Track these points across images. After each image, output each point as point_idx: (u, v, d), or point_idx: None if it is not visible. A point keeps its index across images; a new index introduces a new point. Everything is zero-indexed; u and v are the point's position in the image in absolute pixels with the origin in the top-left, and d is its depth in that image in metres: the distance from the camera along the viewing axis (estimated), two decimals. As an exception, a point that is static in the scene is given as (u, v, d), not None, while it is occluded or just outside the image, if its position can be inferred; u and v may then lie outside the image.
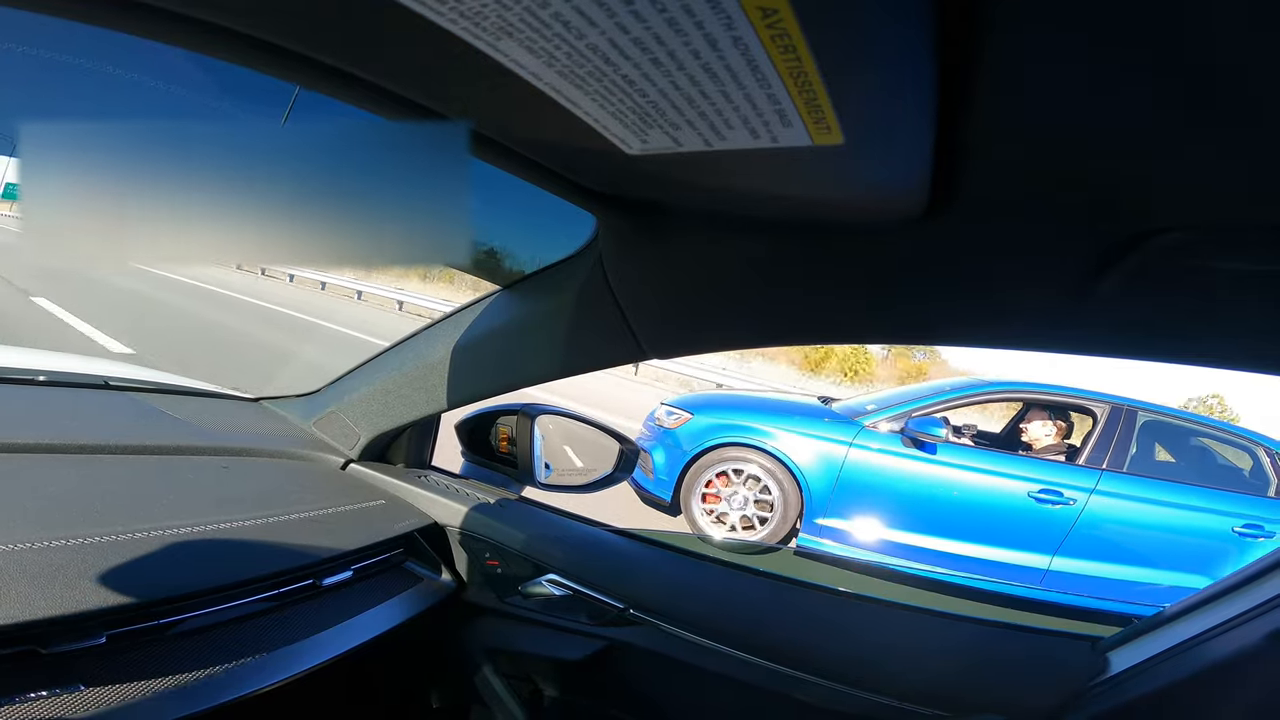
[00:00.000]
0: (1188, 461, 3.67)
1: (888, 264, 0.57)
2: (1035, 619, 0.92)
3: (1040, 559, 3.38)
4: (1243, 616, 0.67)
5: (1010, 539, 3.40)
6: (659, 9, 0.28)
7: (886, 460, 3.47)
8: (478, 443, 1.13)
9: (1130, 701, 0.71)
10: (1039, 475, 3.40)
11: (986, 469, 3.44)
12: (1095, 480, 3.35)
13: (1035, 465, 3.46)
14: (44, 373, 1.00)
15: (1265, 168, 0.35)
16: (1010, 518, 3.38)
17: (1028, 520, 3.37)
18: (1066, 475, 3.39)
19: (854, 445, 3.48)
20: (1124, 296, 0.51)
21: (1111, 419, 3.48)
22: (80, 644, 0.55)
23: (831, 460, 3.49)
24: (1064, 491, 3.35)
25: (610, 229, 0.67)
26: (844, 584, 0.96)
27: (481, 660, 1.02)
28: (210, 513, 0.76)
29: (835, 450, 3.50)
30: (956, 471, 3.44)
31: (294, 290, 13.33)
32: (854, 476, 3.48)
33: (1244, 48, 0.27)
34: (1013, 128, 0.37)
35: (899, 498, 3.46)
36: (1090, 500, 3.33)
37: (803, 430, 3.55)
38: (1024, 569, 3.39)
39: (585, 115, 0.39)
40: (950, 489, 3.43)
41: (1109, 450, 3.42)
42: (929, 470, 3.44)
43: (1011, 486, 3.40)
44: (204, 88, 0.51)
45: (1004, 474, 3.43)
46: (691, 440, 3.66)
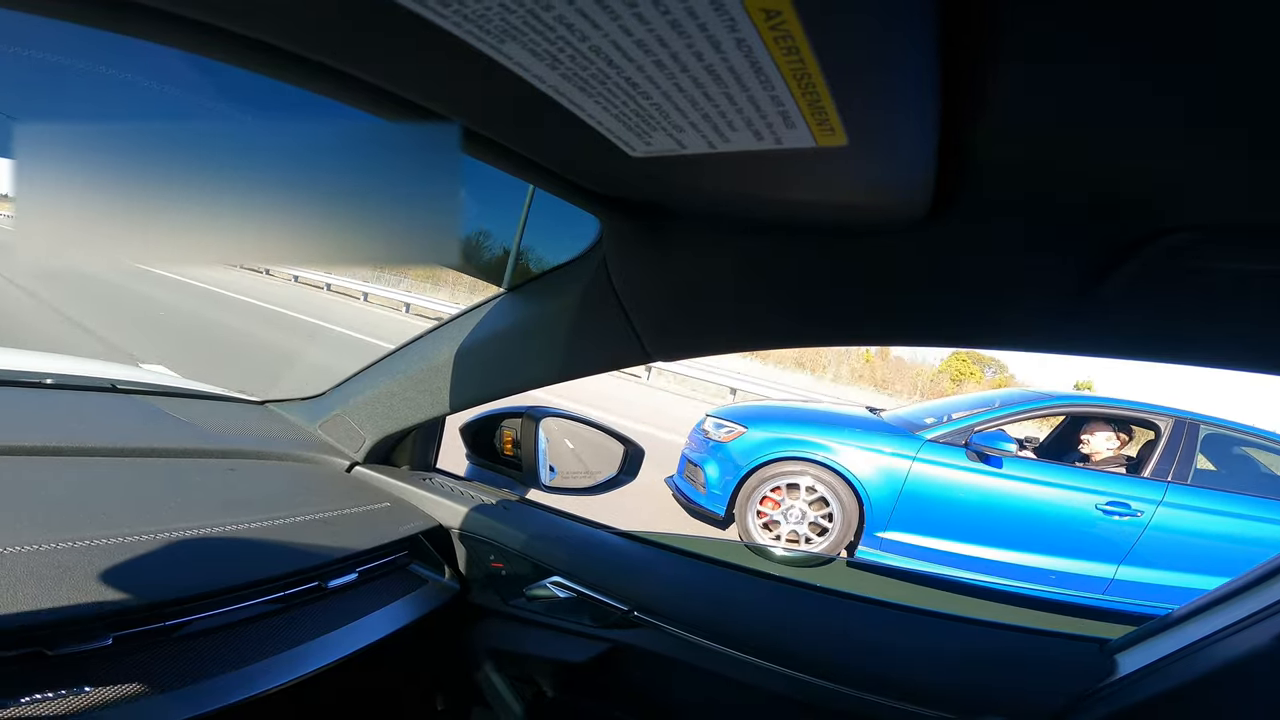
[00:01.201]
0: (1248, 472, 3.74)
1: (890, 264, 0.57)
2: (1043, 619, 0.92)
3: (1106, 568, 3.47)
4: (1252, 618, 0.67)
5: (1077, 550, 3.49)
6: (662, 11, 0.28)
7: (951, 474, 3.53)
8: (482, 445, 1.13)
9: (1138, 703, 0.70)
10: (1104, 488, 3.48)
11: (1053, 481, 3.51)
12: (1162, 493, 3.43)
13: (1099, 478, 3.53)
14: (51, 376, 1.01)
15: (1266, 168, 0.35)
16: (1077, 529, 3.47)
17: (1094, 531, 3.46)
18: (1132, 488, 3.47)
19: (918, 459, 3.53)
20: (1126, 297, 0.51)
21: (1175, 432, 3.55)
22: (86, 645, 0.55)
23: (894, 474, 3.54)
24: (1131, 504, 3.42)
25: (614, 231, 0.67)
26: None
27: (485, 662, 1.02)
28: (216, 515, 0.76)
29: (898, 464, 3.54)
30: (1023, 485, 3.51)
31: (299, 291, 13.39)
32: (918, 489, 3.52)
33: (1244, 47, 0.27)
34: (1015, 129, 0.37)
35: (965, 510, 3.52)
36: (1157, 512, 3.41)
37: (863, 444, 3.59)
38: (1090, 578, 3.48)
39: (589, 118, 0.39)
40: (1017, 501, 3.50)
41: (1174, 463, 3.50)
42: (995, 484, 3.51)
43: (1078, 499, 3.47)
44: (211, 91, 0.51)
45: (1070, 486, 3.50)
46: (747, 455, 3.68)
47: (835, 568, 3.21)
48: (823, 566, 3.18)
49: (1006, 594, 1.11)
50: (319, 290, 13.97)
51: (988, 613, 0.94)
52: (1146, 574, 3.44)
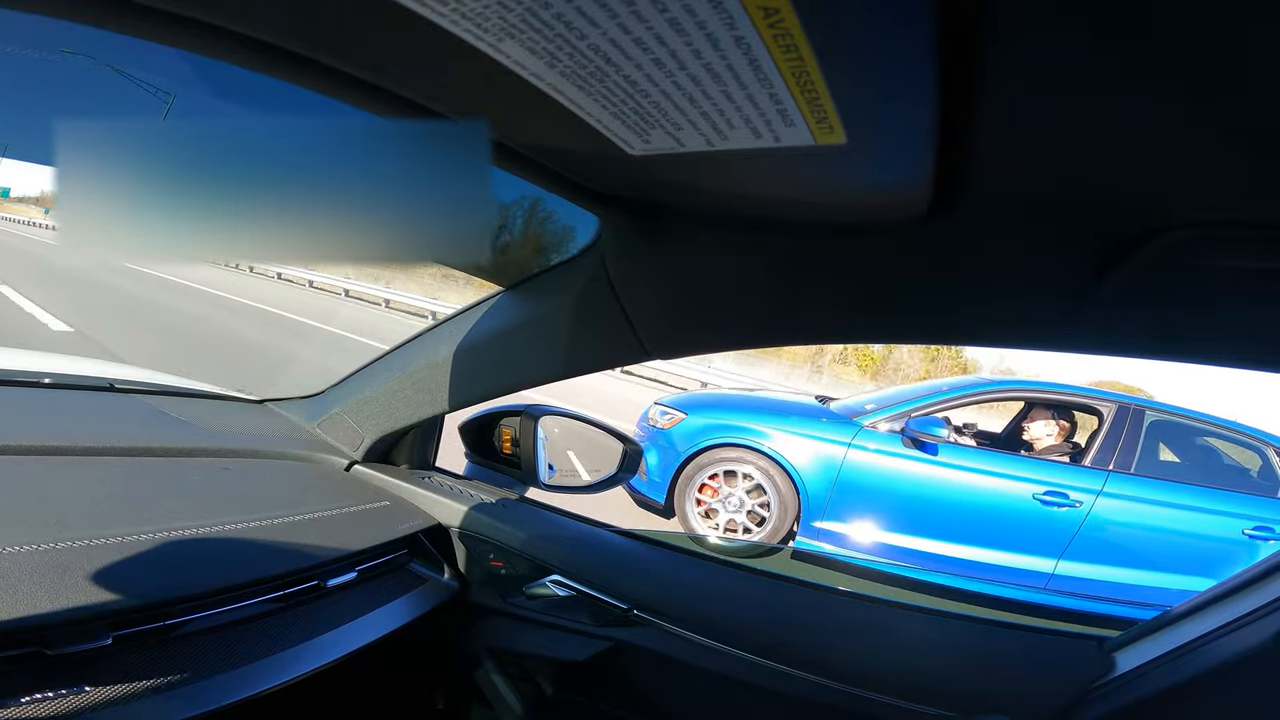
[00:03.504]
0: (1195, 462, 3.59)
1: (890, 263, 0.57)
2: (1042, 620, 0.92)
3: (1045, 563, 3.29)
4: (1250, 616, 0.67)
5: (1014, 542, 3.32)
6: (660, 9, 0.28)
7: (886, 461, 3.38)
8: (481, 444, 1.13)
9: (1137, 701, 0.71)
10: (1043, 476, 3.31)
11: (989, 470, 3.35)
12: (1102, 482, 3.27)
13: (1039, 466, 3.37)
14: (49, 375, 1.01)
15: (1265, 166, 0.35)
16: (1014, 520, 3.30)
17: (1032, 523, 3.28)
18: (1072, 476, 3.30)
19: (853, 446, 3.40)
20: (1126, 295, 0.51)
21: (1118, 419, 3.41)
22: (86, 645, 0.55)
23: (829, 461, 3.41)
24: (1069, 493, 3.27)
25: (613, 229, 0.67)
26: (847, 585, 0.95)
27: (485, 660, 1.02)
28: (215, 514, 0.76)
29: (833, 451, 3.41)
30: (958, 473, 3.35)
31: (304, 293, 13.39)
32: (853, 478, 3.39)
33: (1244, 45, 0.27)
34: (1015, 127, 0.37)
35: (899, 499, 3.38)
36: (1097, 502, 3.26)
37: (799, 431, 3.47)
38: (1029, 572, 3.32)
39: (587, 116, 0.39)
40: (952, 490, 3.34)
41: (1115, 451, 3.33)
42: (930, 471, 3.36)
43: (1015, 488, 3.31)
44: (204, 88, 0.51)
45: (1007, 475, 3.34)
46: (685, 441, 3.58)
47: (780, 558, 3.19)
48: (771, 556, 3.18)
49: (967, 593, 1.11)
50: (301, 286, 14.03)
51: (987, 612, 0.95)
52: (1087, 569, 3.27)
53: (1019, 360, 20.74)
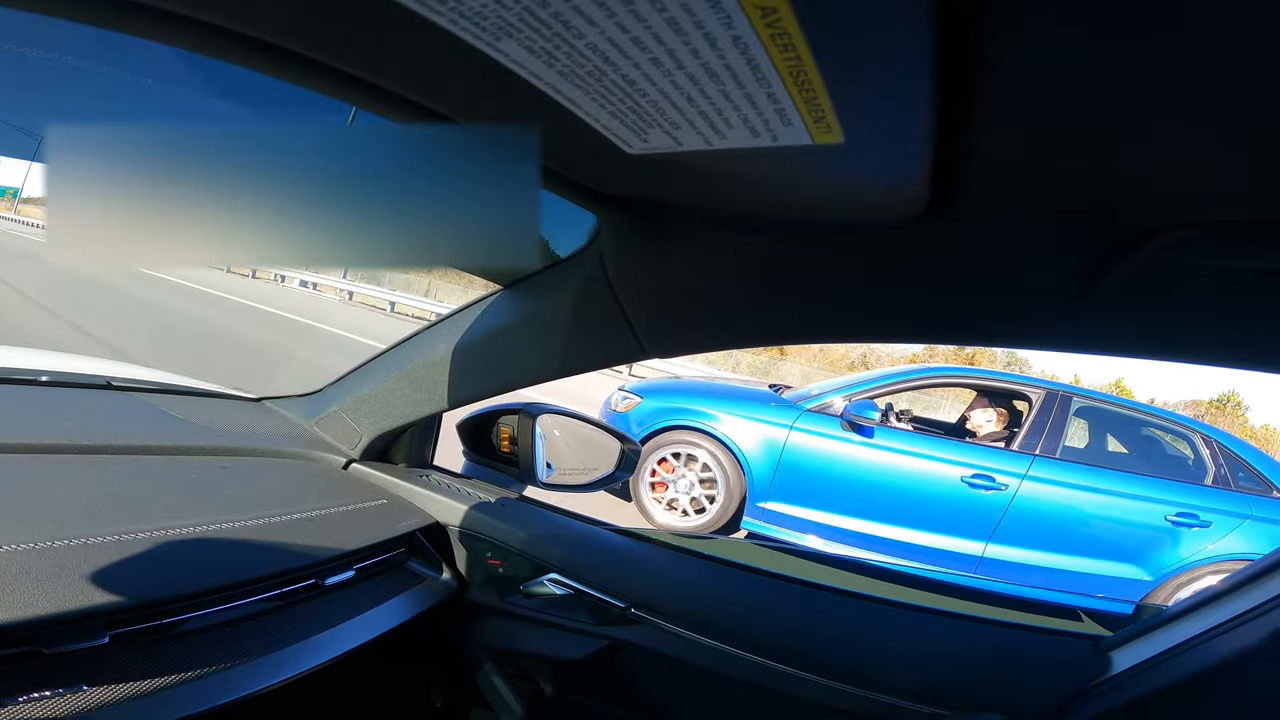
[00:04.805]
0: (1123, 448, 3.65)
1: (888, 262, 0.57)
2: (1038, 619, 0.92)
3: (975, 545, 3.36)
4: (1246, 615, 0.67)
5: (945, 524, 3.39)
6: (658, 8, 0.28)
7: (825, 444, 3.50)
8: (479, 442, 1.13)
9: (1133, 700, 0.71)
10: (972, 460, 3.38)
11: (921, 453, 3.43)
12: (1027, 466, 3.33)
13: (970, 450, 3.44)
14: (47, 373, 1.00)
15: (1264, 166, 0.35)
16: (944, 503, 3.37)
17: (961, 506, 3.35)
18: (1000, 460, 3.37)
19: (794, 429, 3.52)
20: (1122, 295, 0.51)
21: (1046, 404, 3.46)
22: (82, 644, 0.55)
23: (773, 444, 3.52)
24: (996, 477, 3.32)
25: (611, 228, 0.67)
26: (846, 585, 0.96)
27: (483, 659, 1.02)
28: (213, 512, 0.76)
29: (776, 434, 3.53)
30: (892, 455, 3.44)
31: (302, 294, 13.37)
32: (794, 460, 3.51)
33: (1243, 45, 0.27)
34: (1012, 126, 0.37)
35: (837, 481, 3.49)
36: (1022, 486, 3.31)
37: (746, 414, 3.59)
38: (960, 555, 3.37)
39: (585, 115, 0.39)
40: (886, 473, 3.44)
41: (1042, 436, 3.39)
42: (866, 454, 3.45)
43: (946, 471, 3.38)
44: (202, 88, 0.51)
45: (938, 458, 3.41)
46: (640, 423, 3.70)
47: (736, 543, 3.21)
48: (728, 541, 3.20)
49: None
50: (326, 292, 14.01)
51: (983, 610, 0.95)
52: (1015, 553, 3.33)
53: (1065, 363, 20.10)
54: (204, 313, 8.14)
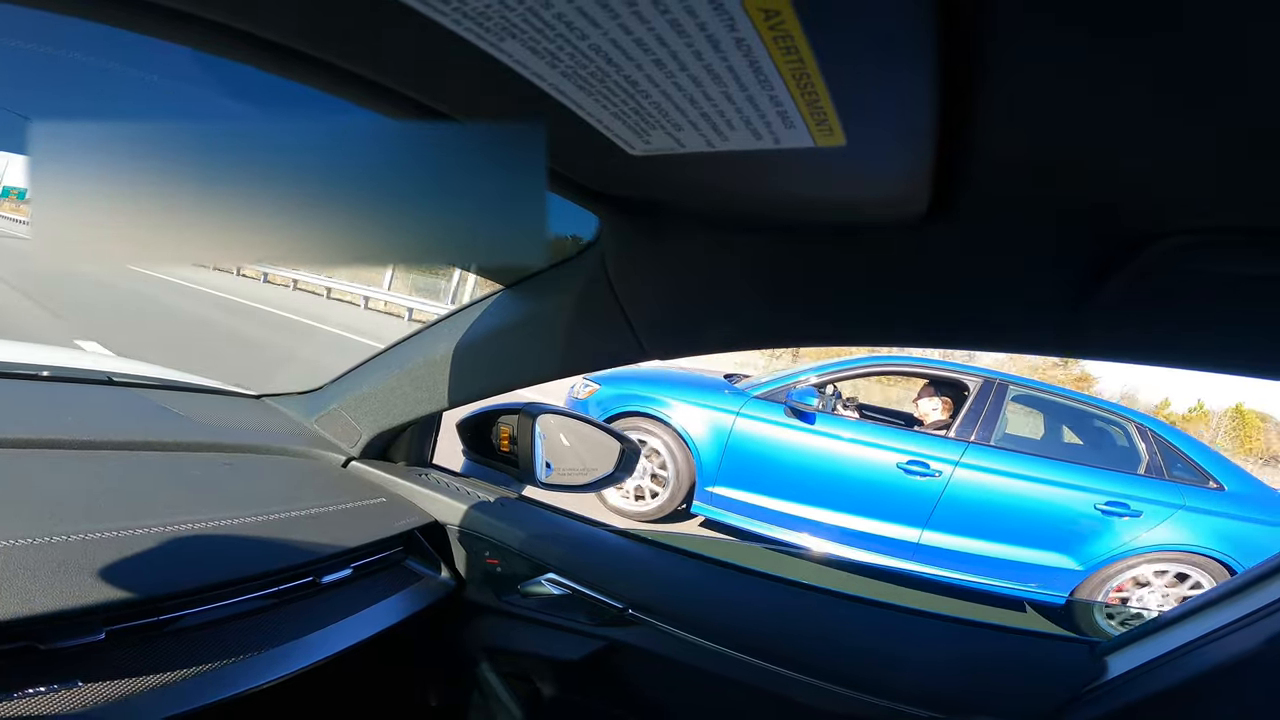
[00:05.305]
0: (1058, 437, 3.67)
1: (889, 265, 0.57)
2: (1035, 622, 0.92)
3: (911, 532, 3.39)
4: (1243, 621, 0.67)
5: (883, 510, 3.43)
6: (661, 10, 0.28)
7: (768, 430, 3.58)
8: (479, 441, 1.13)
9: (1128, 705, 0.71)
10: (910, 447, 3.42)
11: (859, 439, 3.48)
12: (960, 453, 3.35)
13: (910, 437, 3.48)
14: (47, 368, 1.00)
15: (1264, 169, 0.35)
16: (880, 489, 3.42)
17: (897, 492, 3.39)
18: (934, 447, 3.40)
19: (740, 415, 3.61)
20: (1123, 300, 0.51)
21: (982, 392, 3.48)
22: (79, 640, 0.55)
23: (720, 429, 3.62)
24: (930, 464, 3.35)
25: (613, 229, 0.67)
26: (844, 587, 0.96)
27: (480, 659, 1.02)
28: (211, 509, 0.76)
29: (724, 420, 3.62)
30: (830, 441, 3.50)
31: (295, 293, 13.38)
32: (740, 445, 3.59)
33: (1244, 45, 0.27)
34: (1014, 129, 0.37)
35: (778, 466, 3.56)
36: (955, 473, 3.32)
37: (697, 401, 3.70)
38: (897, 541, 3.40)
39: (588, 116, 0.39)
40: (826, 459, 3.50)
41: (977, 423, 3.41)
42: (808, 440, 3.53)
43: (883, 458, 3.42)
44: (205, 85, 0.51)
45: (876, 444, 3.45)
46: (598, 408, 3.80)
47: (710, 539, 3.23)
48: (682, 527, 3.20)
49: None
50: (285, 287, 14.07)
51: (979, 614, 0.95)
52: (949, 540, 3.34)
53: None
54: (207, 313, 8.15)
